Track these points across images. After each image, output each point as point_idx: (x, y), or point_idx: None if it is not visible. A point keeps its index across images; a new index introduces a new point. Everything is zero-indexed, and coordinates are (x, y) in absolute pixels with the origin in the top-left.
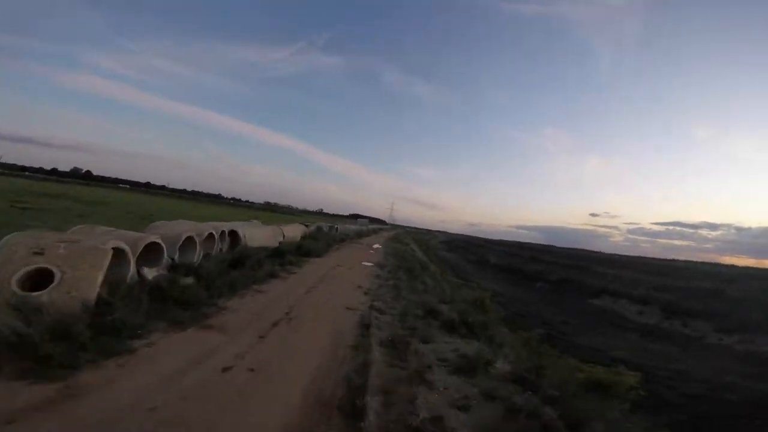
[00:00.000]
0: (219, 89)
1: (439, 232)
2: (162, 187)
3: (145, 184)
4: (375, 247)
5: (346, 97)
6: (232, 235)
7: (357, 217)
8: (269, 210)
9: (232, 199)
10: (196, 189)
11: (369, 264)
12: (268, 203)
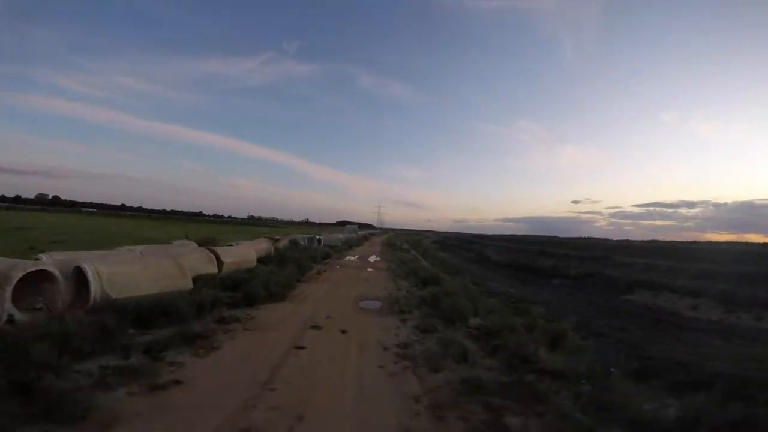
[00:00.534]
0: (188, 104)
1: (427, 231)
2: (138, 208)
3: (120, 207)
4: (373, 261)
5: (322, 103)
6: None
7: (344, 224)
8: (251, 224)
9: (212, 216)
10: (176, 209)
11: (374, 305)
12: (251, 217)
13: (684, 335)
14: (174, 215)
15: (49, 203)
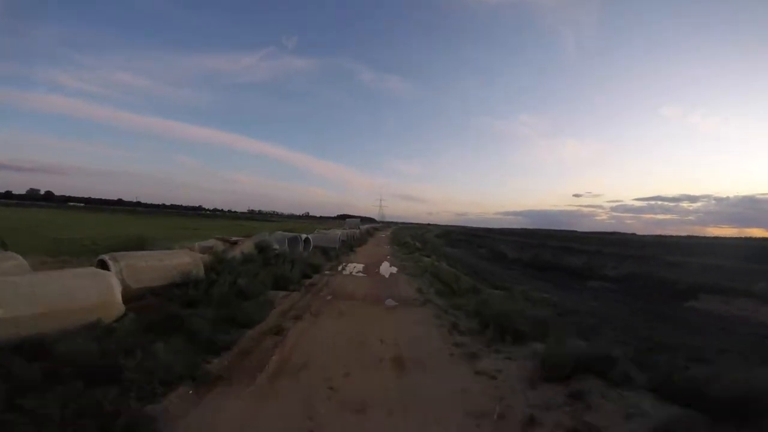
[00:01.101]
0: (187, 100)
1: (428, 225)
2: (137, 203)
3: (117, 202)
4: (388, 274)
5: (321, 98)
6: None
7: (345, 217)
8: (251, 219)
9: (213, 210)
10: (176, 203)
11: None
12: (252, 211)
13: None
14: (167, 210)
15: (42, 198)
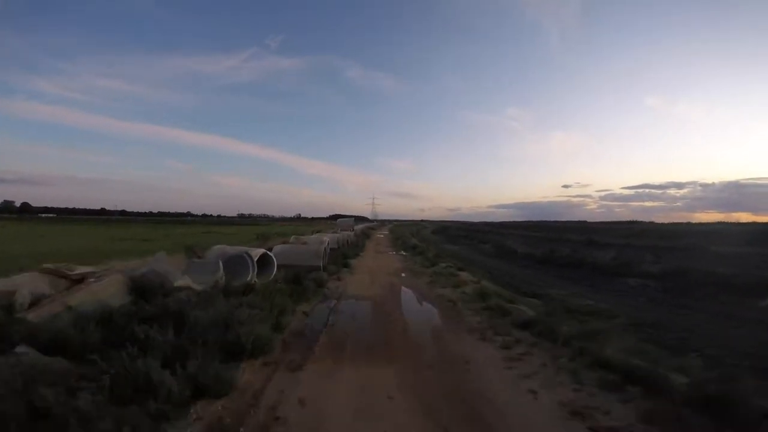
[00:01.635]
0: (171, 104)
1: (422, 221)
2: (122, 212)
3: (99, 211)
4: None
5: (308, 97)
6: None
7: (337, 217)
8: (235, 224)
9: (202, 215)
10: (164, 210)
11: None
12: (241, 215)
13: None
14: (152, 217)
15: (17, 210)
